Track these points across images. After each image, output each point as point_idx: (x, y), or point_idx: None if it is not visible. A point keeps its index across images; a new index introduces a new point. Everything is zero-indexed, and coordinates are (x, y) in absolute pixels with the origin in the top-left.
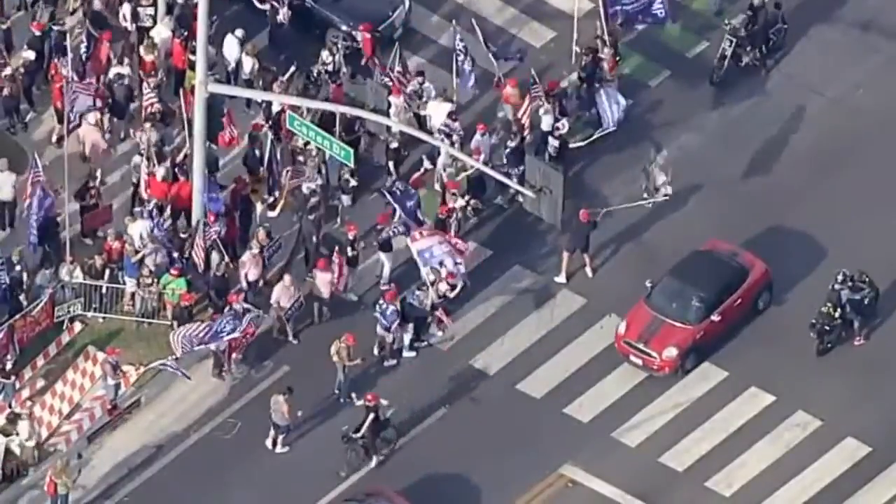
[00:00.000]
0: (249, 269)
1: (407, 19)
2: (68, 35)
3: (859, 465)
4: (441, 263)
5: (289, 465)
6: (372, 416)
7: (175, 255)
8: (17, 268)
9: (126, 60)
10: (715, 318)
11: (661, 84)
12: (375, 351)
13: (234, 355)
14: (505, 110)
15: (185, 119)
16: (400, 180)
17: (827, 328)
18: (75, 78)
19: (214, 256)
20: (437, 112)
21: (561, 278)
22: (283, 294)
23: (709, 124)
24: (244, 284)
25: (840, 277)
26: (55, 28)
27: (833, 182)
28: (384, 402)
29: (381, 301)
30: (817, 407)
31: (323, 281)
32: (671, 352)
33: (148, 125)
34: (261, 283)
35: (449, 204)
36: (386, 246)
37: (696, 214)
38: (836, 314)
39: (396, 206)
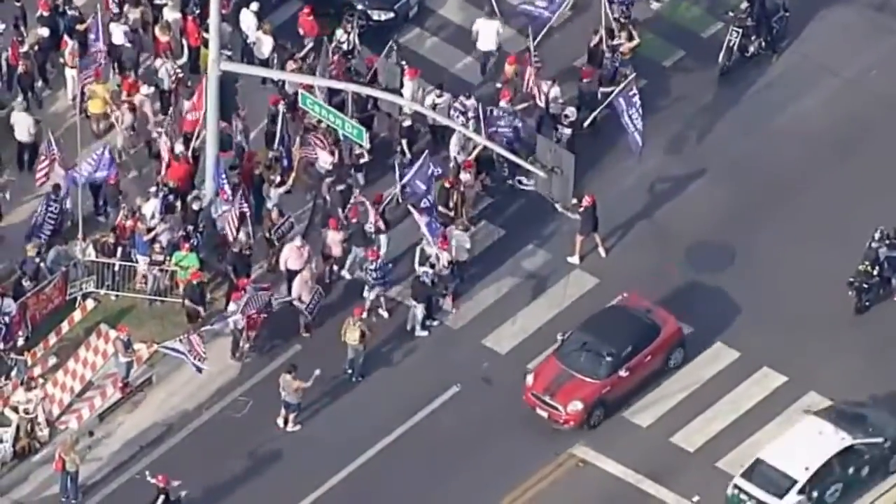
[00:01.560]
0: (291, 258)
1: None
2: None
3: None
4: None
5: (300, 443)
6: (162, 497)
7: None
8: (37, 260)
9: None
10: (623, 373)
11: (676, 64)
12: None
13: (250, 334)
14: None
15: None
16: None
17: (865, 286)
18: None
19: (242, 235)
20: (485, 28)
21: (575, 259)
22: (303, 288)
23: (722, 104)
24: (284, 272)
25: (878, 235)
26: (69, 11)
27: (847, 162)
28: (175, 483)
29: (370, 263)
30: (829, 388)
31: (334, 240)
32: (576, 406)
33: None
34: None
35: (462, 178)
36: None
37: (708, 195)
38: (875, 272)
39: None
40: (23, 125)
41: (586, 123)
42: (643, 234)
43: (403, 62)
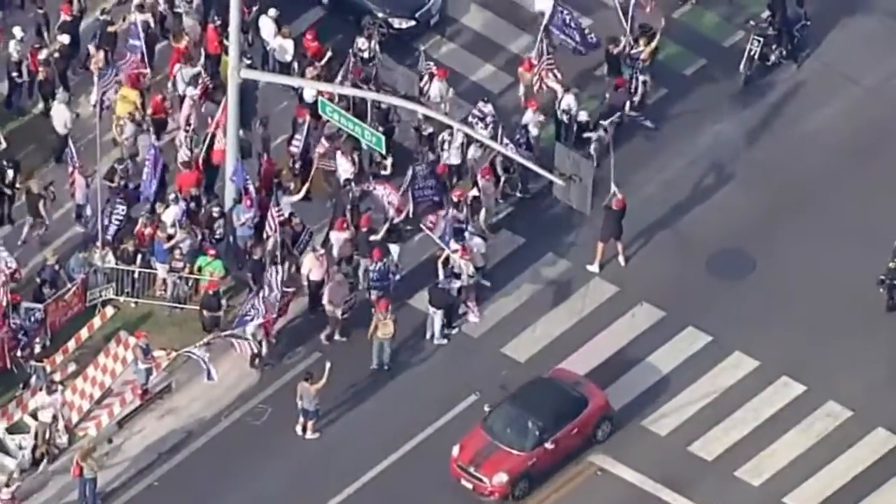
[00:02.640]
0: (313, 269)
1: (444, 6)
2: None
3: (889, 456)
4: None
5: (318, 451)
6: None
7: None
8: (56, 266)
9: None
10: (549, 446)
11: (697, 72)
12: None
13: (270, 340)
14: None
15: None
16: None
17: (895, 283)
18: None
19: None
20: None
21: (594, 268)
22: (335, 295)
23: (744, 113)
24: (304, 284)
25: None
26: (101, 17)
27: (869, 170)
28: None
29: (367, 262)
30: (848, 397)
31: (338, 240)
32: (501, 478)
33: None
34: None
35: (468, 191)
36: (394, 237)
37: (729, 203)
38: None
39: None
40: (60, 118)
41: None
42: (664, 242)
43: (431, 64)
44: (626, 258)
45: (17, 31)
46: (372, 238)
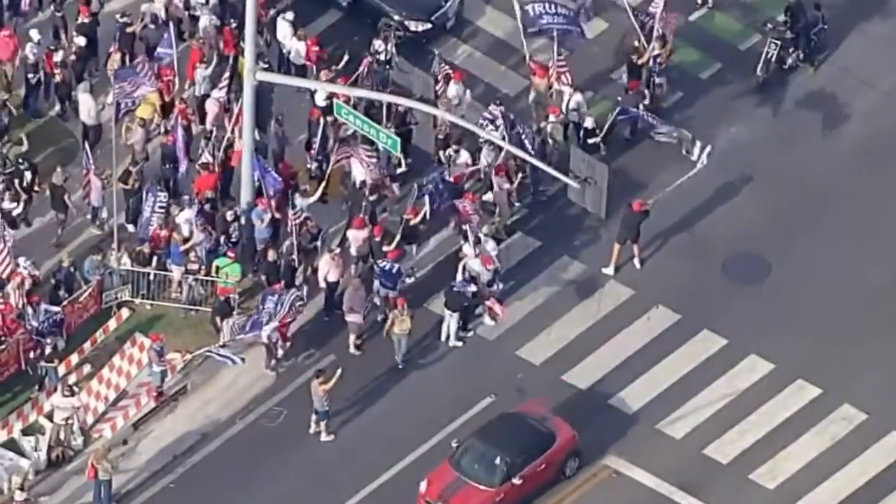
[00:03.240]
0: (330, 270)
1: (460, 9)
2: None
3: None
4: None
5: (333, 453)
6: None
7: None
8: (71, 269)
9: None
10: (517, 481)
11: (713, 76)
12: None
13: (284, 343)
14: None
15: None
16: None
17: None
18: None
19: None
20: None
21: (609, 270)
22: (354, 300)
23: (759, 116)
24: (322, 285)
25: None
26: (120, 20)
27: (885, 174)
28: None
29: (383, 261)
30: (863, 401)
31: (356, 239)
32: None
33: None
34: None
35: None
36: (412, 237)
37: (745, 206)
38: None
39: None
40: (84, 107)
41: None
42: (679, 245)
43: (446, 66)
44: (641, 261)
45: (34, 34)
46: (386, 248)
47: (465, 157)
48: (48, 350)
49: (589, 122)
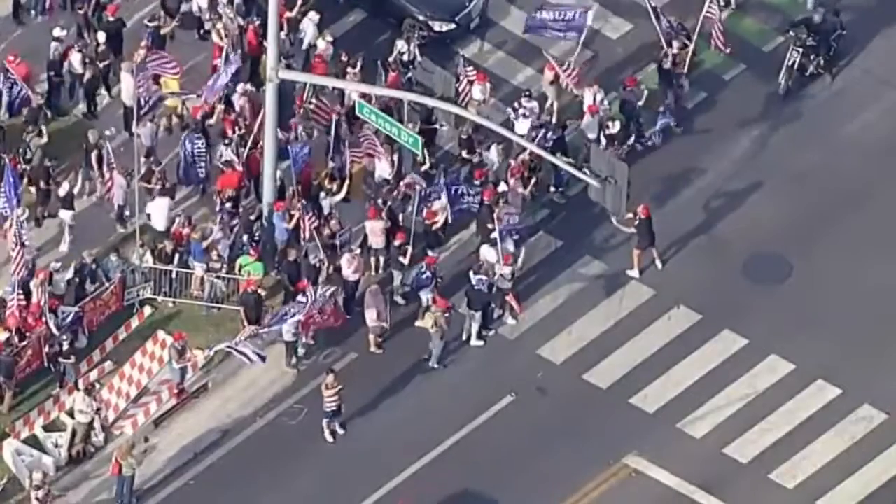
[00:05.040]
0: (350, 269)
1: (484, 9)
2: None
3: None
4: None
5: (353, 452)
6: None
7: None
8: (93, 266)
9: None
10: None
11: (736, 77)
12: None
13: (308, 341)
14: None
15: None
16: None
17: None
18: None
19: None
20: None
21: (634, 273)
22: (376, 301)
23: (783, 118)
24: (341, 283)
25: None
26: (150, 24)
27: None
28: None
29: (422, 268)
30: (883, 401)
31: (374, 230)
32: None
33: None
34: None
35: (499, 188)
36: (433, 241)
37: (767, 207)
38: None
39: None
40: (126, 89)
41: (631, 140)
42: (701, 245)
43: (470, 69)
44: (662, 262)
45: (57, 31)
46: (401, 259)
47: (494, 153)
48: (65, 347)
49: (614, 127)
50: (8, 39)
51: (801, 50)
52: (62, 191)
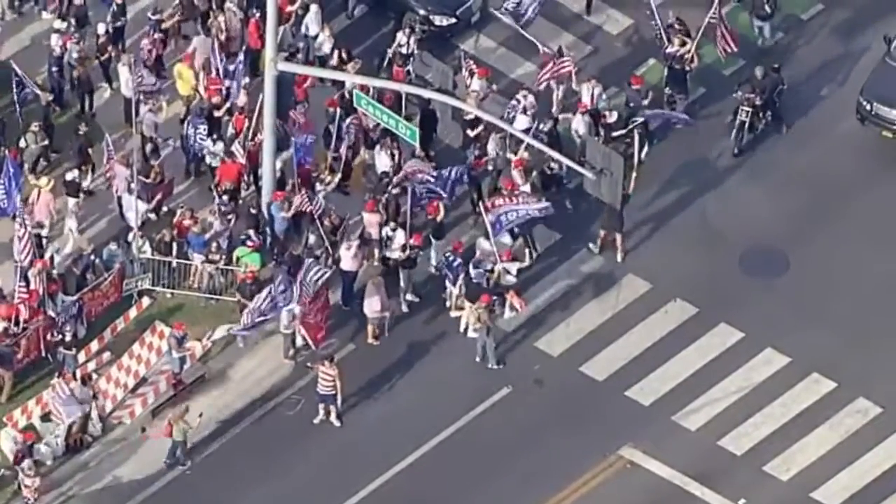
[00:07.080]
0: (348, 260)
1: (484, 4)
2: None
3: None
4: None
5: (351, 442)
6: None
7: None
8: (92, 256)
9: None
10: None
11: (735, 72)
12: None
13: (310, 336)
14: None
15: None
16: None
17: None
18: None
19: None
20: None
21: (595, 249)
22: (378, 293)
23: (781, 112)
24: (340, 275)
25: None
26: (153, 17)
27: None
28: None
29: (448, 254)
30: (878, 394)
31: (371, 222)
32: None
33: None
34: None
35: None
36: (438, 233)
37: (764, 201)
38: None
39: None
40: (124, 78)
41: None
42: (697, 238)
43: (471, 62)
44: (625, 253)
45: (58, 23)
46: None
47: (492, 144)
48: (68, 337)
49: (612, 117)
50: (9, 34)
51: (749, 109)
52: (69, 175)
